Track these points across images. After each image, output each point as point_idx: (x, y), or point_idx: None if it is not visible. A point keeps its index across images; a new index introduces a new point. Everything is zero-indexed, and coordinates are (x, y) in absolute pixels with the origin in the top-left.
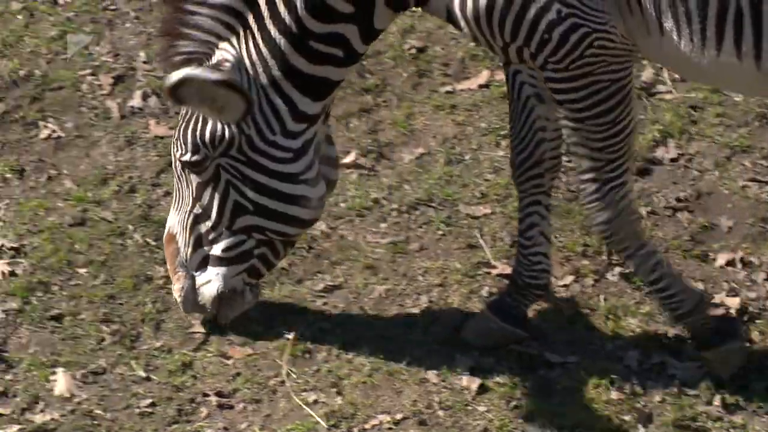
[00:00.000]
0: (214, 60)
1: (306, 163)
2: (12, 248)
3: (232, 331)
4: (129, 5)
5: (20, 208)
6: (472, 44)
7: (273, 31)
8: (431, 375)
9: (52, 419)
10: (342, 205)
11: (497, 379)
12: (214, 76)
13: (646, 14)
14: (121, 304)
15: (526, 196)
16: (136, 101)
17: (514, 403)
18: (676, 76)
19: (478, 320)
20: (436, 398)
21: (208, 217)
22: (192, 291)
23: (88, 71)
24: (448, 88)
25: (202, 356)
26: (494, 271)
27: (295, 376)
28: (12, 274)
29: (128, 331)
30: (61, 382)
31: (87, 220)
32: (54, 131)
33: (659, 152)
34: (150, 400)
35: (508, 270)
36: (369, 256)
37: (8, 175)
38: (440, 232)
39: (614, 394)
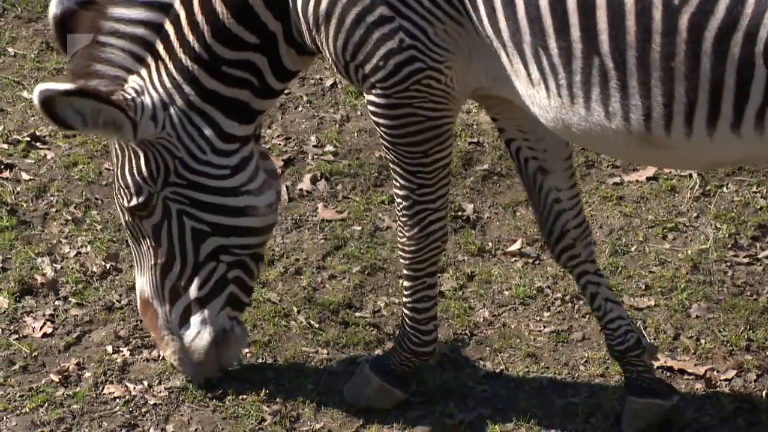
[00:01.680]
0: (128, 89)
1: (246, 177)
2: None
3: (393, 414)
4: (302, 90)
5: None
6: None
7: (184, 58)
8: None
9: None
10: (506, 293)
11: None
12: (65, 86)
13: (509, 58)
14: (282, 384)
15: (572, 270)
16: (305, 184)
17: None
18: None
19: (629, 409)
20: None
21: (174, 260)
22: (186, 352)
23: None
24: (616, 179)
25: None
26: (657, 363)
27: None
28: None
29: (288, 412)
30: None
31: (252, 301)
32: None
33: None
34: None
35: (671, 362)
36: (531, 344)
37: None
38: None
39: None
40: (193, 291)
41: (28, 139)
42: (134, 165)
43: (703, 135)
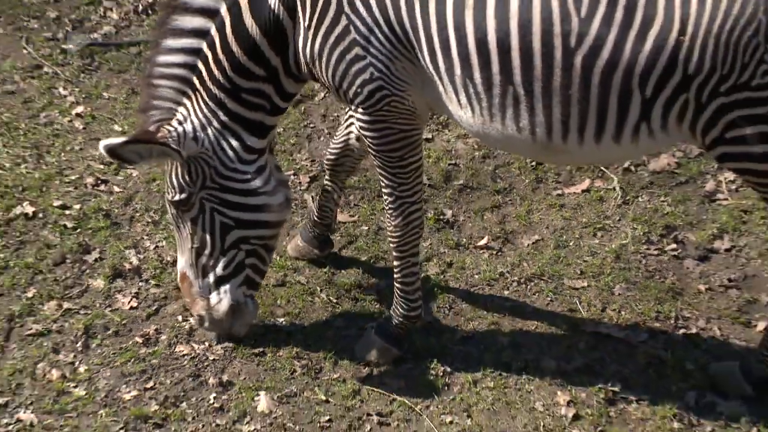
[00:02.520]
0: (174, 121)
1: (262, 181)
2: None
3: (391, 367)
4: (324, 124)
5: None
6: None
7: (213, 88)
8: (538, 405)
9: (256, 429)
10: (476, 276)
11: (587, 410)
12: (121, 140)
13: (445, 87)
14: (309, 344)
15: (332, 175)
16: None
17: (600, 428)
18: (733, 186)
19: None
20: (541, 423)
21: (205, 246)
22: (209, 313)
23: (291, 172)
24: (559, 191)
25: (369, 385)
26: (588, 329)
27: (437, 401)
28: None
29: (314, 365)
30: (263, 402)
31: (286, 282)
32: None
33: (716, 244)
34: (328, 417)
35: (600, 329)
36: (494, 315)
37: None
38: (548, 299)
39: (676, 425)
40: (218, 270)
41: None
42: (180, 171)
43: (591, 144)
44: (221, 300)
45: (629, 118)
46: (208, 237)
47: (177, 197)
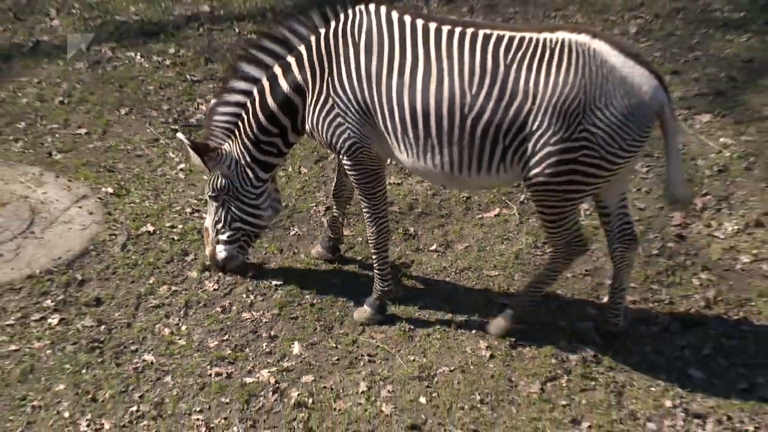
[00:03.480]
0: (222, 149)
1: (261, 199)
2: (277, 285)
3: (376, 326)
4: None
5: (285, 266)
6: (491, 194)
7: (244, 138)
8: (468, 349)
9: (292, 365)
10: (429, 269)
11: (499, 352)
12: (187, 139)
13: (392, 140)
14: (325, 312)
15: (338, 202)
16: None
17: (506, 363)
18: (588, 213)
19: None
20: (470, 359)
21: (220, 221)
22: (215, 257)
23: (313, 205)
24: (480, 215)
25: (362, 337)
26: (499, 301)
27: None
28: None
29: (327, 325)
30: (296, 348)
31: (314, 271)
32: (297, 232)
33: None
34: (337, 357)
35: (505, 301)
36: (443, 293)
37: (275, 252)
38: (474, 282)
39: (553, 360)
40: (224, 237)
41: (206, 198)
42: (216, 180)
43: (476, 175)
44: (222, 252)
45: (495, 158)
46: (222, 218)
47: (210, 194)
